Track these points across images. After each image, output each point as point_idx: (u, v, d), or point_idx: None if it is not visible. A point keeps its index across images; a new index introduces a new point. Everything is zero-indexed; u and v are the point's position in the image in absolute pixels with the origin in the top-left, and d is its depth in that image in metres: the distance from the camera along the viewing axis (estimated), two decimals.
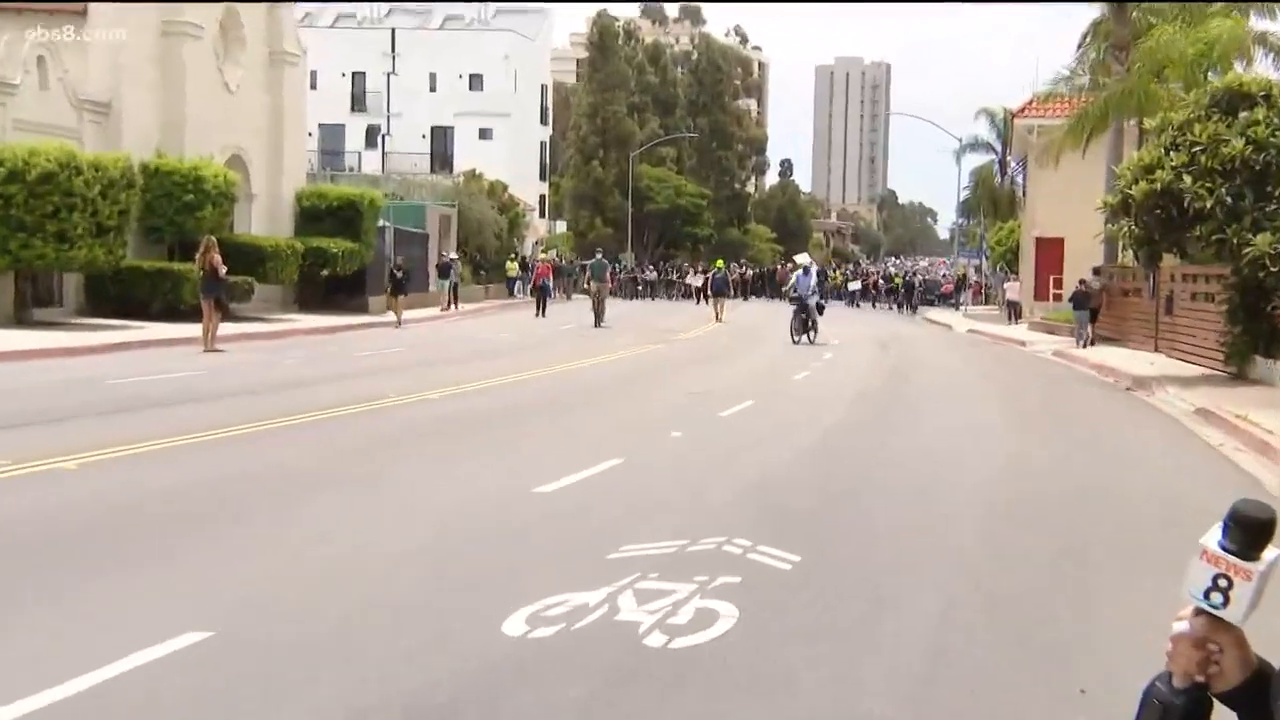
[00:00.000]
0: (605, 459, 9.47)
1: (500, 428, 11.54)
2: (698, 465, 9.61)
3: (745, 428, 12.16)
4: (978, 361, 23.92)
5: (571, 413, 13.05)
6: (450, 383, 15.03)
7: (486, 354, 20.73)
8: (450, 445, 10.30)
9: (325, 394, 13.59)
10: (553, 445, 10.48)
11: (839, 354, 24.31)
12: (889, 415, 13.75)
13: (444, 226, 41.77)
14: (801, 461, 10.03)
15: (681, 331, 29.40)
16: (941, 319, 42.17)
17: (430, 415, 12.24)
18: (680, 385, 16.40)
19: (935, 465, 9.96)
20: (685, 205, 75.15)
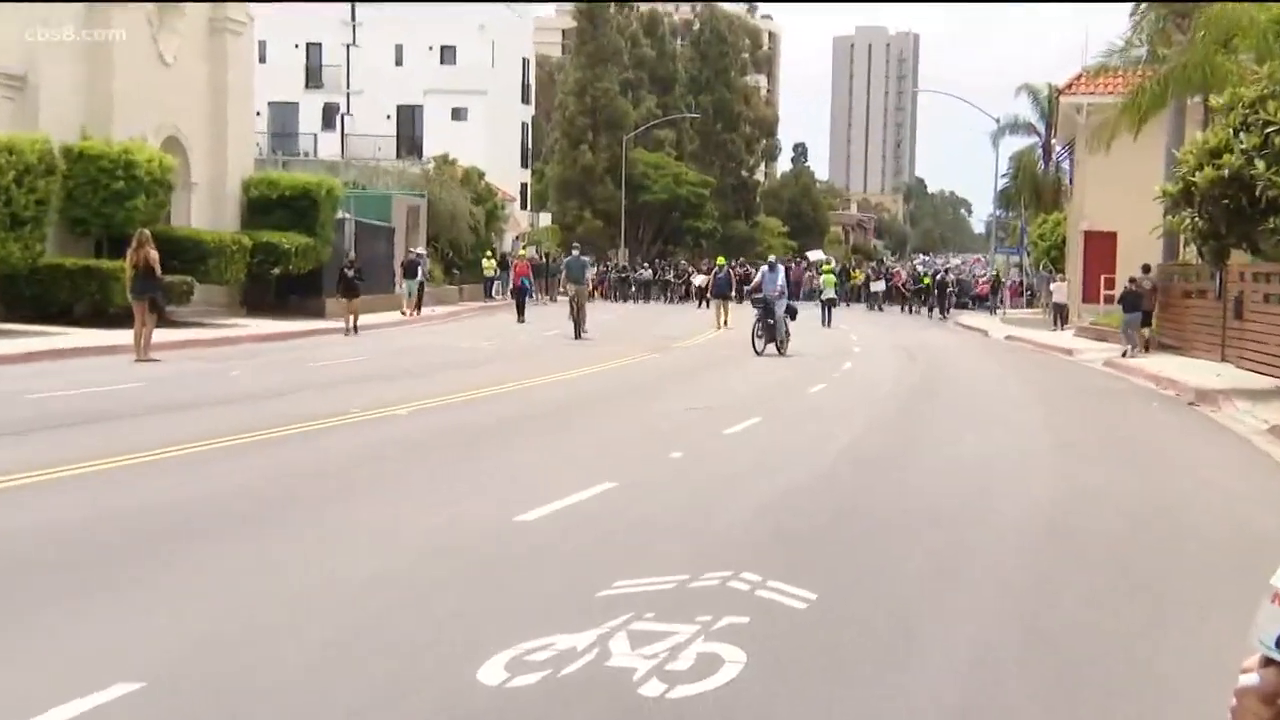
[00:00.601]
0: (596, 483, 9.49)
1: (477, 447, 11.55)
2: (700, 489, 9.63)
3: (753, 447, 12.18)
4: (1017, 372, 23.97)
5: (557, 431, 13.06)
6: (420, 397, 15.03)
7: (460, 364, 20.75)
8: (420, 467, 10.31)
9: (278, 409, 13.60)
10: (536, 467, 10.49)
11: (860, 363, 24.34)
12: (917, 433, 13.78)
13: (412, 219, 41.85)
14: (817, 485, 10.05)
15: (681, 339, 29.45)
16: (976, 324, 42.28)
17: (398, 433, 12.24)
18: (680, 399, 16.45)
19: (970, 491, 9.98)
20: (685, 195, 75.37)
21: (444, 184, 46.20)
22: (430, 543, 7.45)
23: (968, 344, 33.56)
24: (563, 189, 74.49)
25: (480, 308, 42.48)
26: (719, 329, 32.83)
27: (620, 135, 71.02)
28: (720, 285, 34.78)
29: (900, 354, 27.59)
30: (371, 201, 39.00)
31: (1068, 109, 39.46)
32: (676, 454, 11.37)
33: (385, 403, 14.23)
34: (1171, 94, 26.92)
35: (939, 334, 37.91)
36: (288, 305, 31.51)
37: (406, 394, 15.34)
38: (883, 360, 25.63)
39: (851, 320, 42.62)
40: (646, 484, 9.82)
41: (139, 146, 26.55)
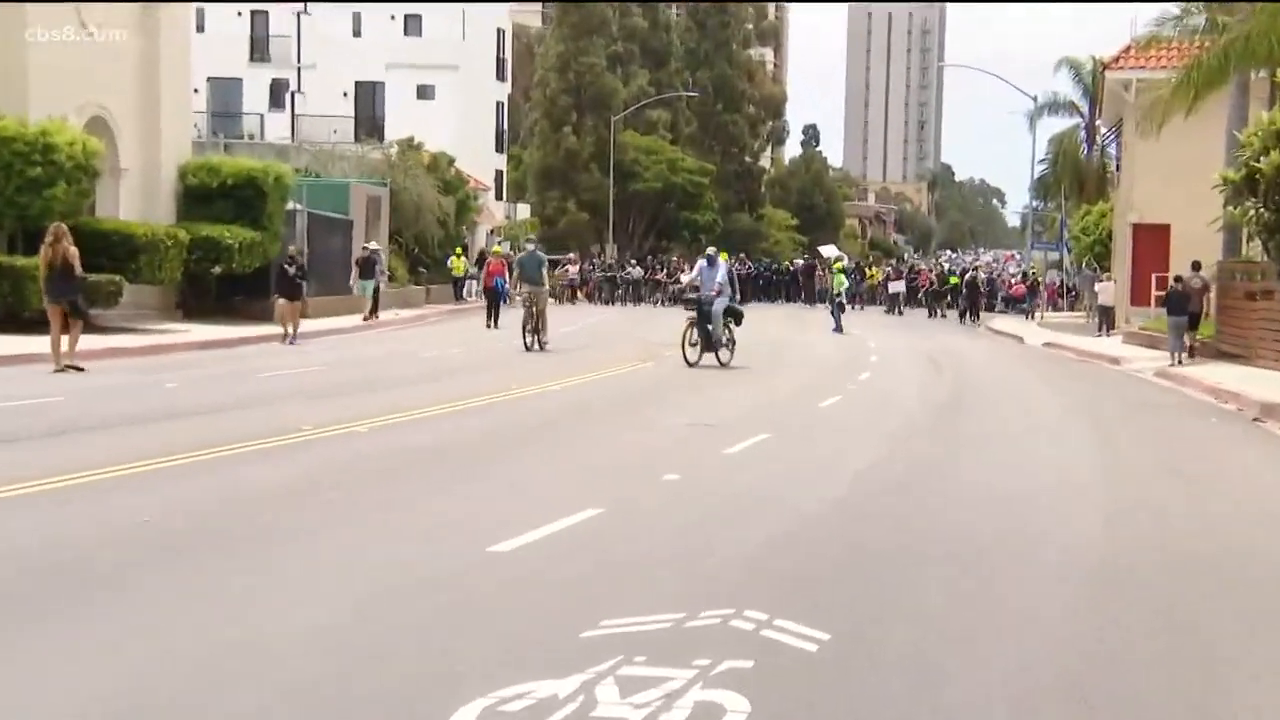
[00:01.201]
0: (581, 508, 9.48)
1: (445, 469, 11.54)
2: (698, 516, 9.63)
3: (758, 468, 12.18)
4: (1057, 384, 24.01)
5: (536, 450, 13.05)
6: (380, 412, 15.02)
7: (426, 375, 20.74)
8: (380, 492, 10.30)
9: (219, 427, 13.58)
10: (512, 491, 10.48)
11: (878, 374, 24.37)
12: (942, 455, 13.79)
13: (373, 211, 41.88)
14: (831, 513, 10.06)
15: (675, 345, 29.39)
16: (1010, 329, 42.42)
17: (357, 453, 12.23)
18: (675, 413, 16.45)
19: (1002, 522, 9.99)
20: (681, 184, 75.50)
21: (408, 171, 46.21)
22: (392, 578, 7.43)
23: (1000, 352, 33.64)
24: (543, 177, 74.59)
25: (449, 311, 42.49)
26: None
27: (608, 116, 71.14)
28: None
29: (924, 363, 27.63)
30: (326, 191, 39.01)
31: (1114, 86, 39.57)
32: (671, 476, 11.37)
33: (341, 419, 14.20)
34: (1233, 68, 26.97)
35: (967, 341, 38.00)
36: (230, 308, 31.47)
37: (365, 409, 15.31)
38: (904, 370, 25.65)
39: (868, 325, 42.71)
40: (637, 510, 9.81)
41: (59, 127, 26.48)
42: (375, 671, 5.69)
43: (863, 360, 27.71)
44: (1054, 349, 34.04)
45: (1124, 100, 38.69)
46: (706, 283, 23.88)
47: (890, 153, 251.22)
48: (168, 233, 29.41)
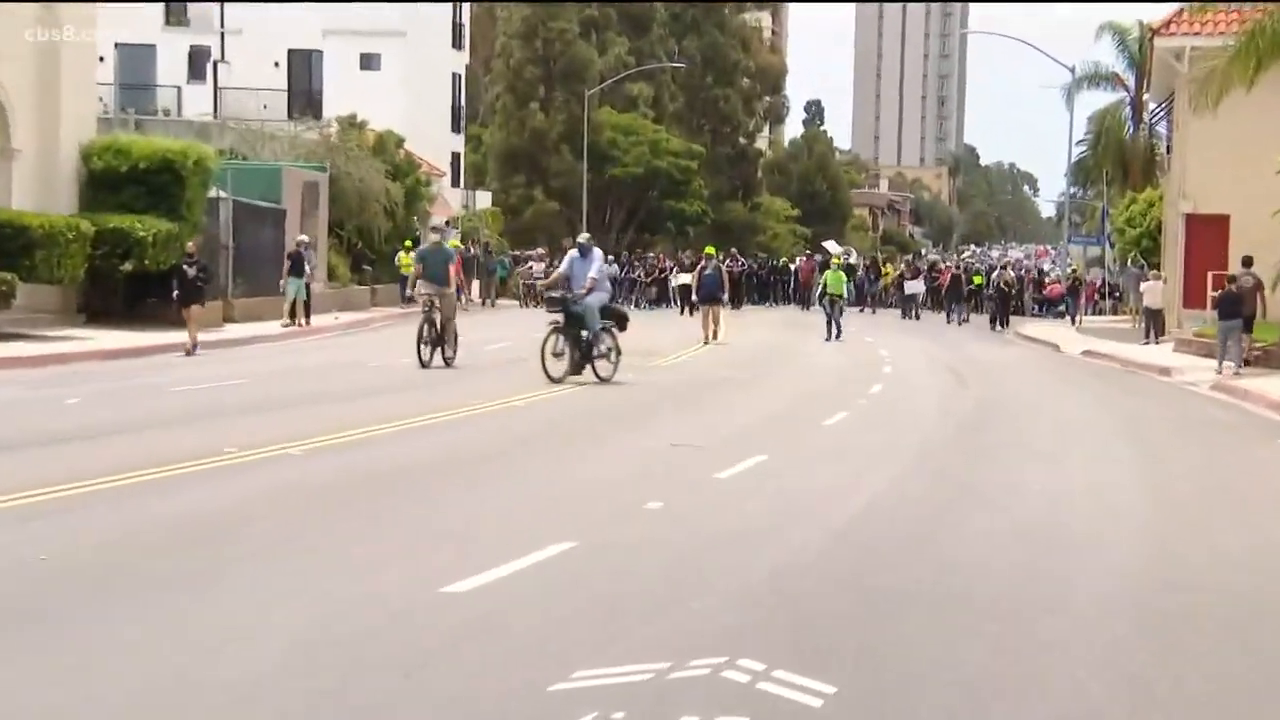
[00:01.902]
0: (550, 542, 9.48)
1: (393, 497, 11.53)
2: (685, 551, 9.63)
3: (754, 495, 12.19)
4: (1098, 399, 24.07)
5: (500, 475, 13.04)
6: (319, 431, 15.00)
7: (371, 388, 20.70)
8: (319, 522, 10.28)
9: (128, 449, 13.53)
10: (471, 522, 10.47)
11: (892, 387, 24.41)
12: (966, 481, 13.82)
13: (309, 199, 41.79)
14: (837, 548, 10.06)
15: (660, 354, 29.47)
16: (1043, 335, 42.54)
17: (291, 479, 12.21)
18: (660, 432, 16.46)
19: (1035, 560, 10.00)
20: (666, 169, 75.63)
21: (350, 154, 46.11)
22: (329, 623, 7.41)
23: (1032, 362, 33.72)
24: (507, 161, 74.62)
25: (399, 314, 42.37)
26: (707, 342, 32.89)
27: (581, 91, 71.22)
28: (709, 285, 34.73)
29: (944, 375, 27.68)
30: (255, 176, 38.90)
31: (1164, 54, 39.65)
32: (655, 504, 11.36)
33: (272, 440, 14.17)
34: None
35: (995, 349, 38.09)
36: (142, 311, 31.31)
37: (300, 428, 15.27)
38: (921, 383, 25.68)
39: (881, 330, 42.80)
40: (616, 544, 9.80)
41: None
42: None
43: (874, 371, 27.74)
44: (1094, 358, 34.14)
45: (1175, 71, 38.78)
46: (576, 277, 22.42)
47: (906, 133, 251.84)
48: (68, 224, 29.29)
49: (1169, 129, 48.17)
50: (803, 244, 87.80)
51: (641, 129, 76.35)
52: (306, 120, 51.54)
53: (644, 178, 75.26)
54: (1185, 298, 38.72)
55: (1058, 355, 36.24)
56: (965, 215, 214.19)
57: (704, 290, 34.67)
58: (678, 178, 76.38)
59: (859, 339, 38.02)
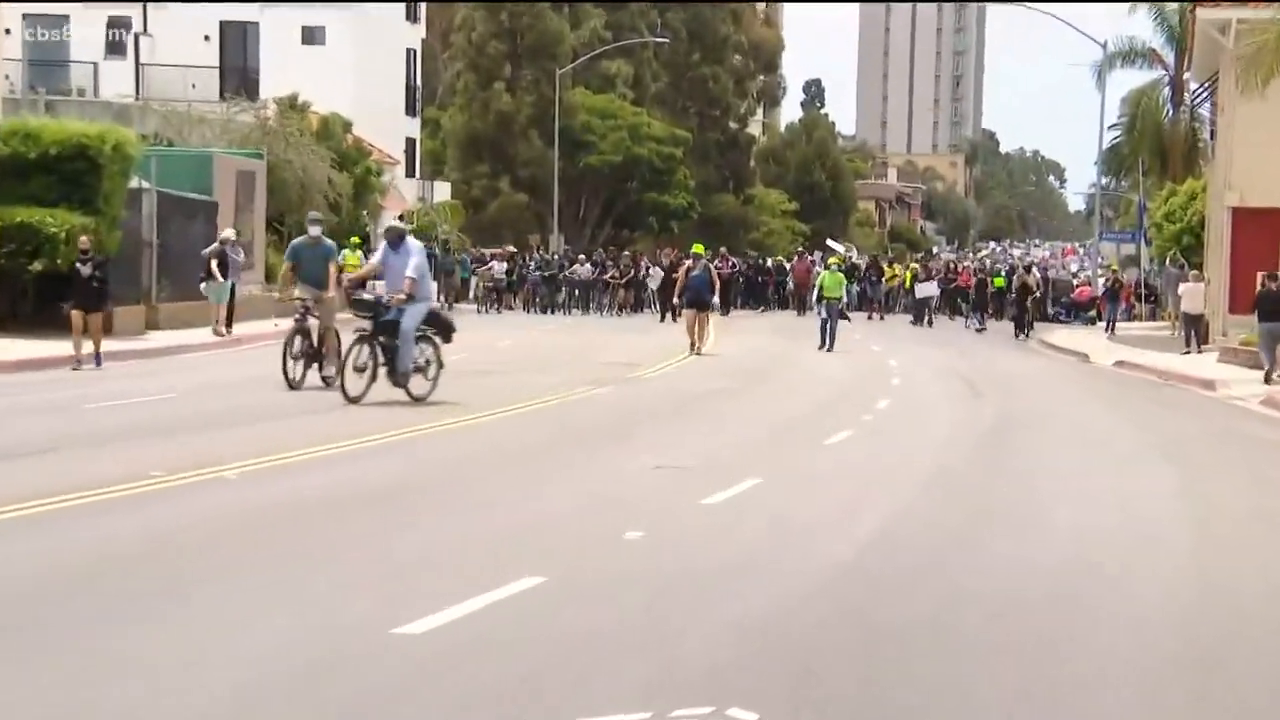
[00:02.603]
0: (516, 577, 9.47)
1: (341, 526, 11.51)
2: (669, 586, 9.63)
3: (746, 524, 12.20)
4: (1132, 416, 24.13)
5: (458, 502, 13.03)
6: (257, 453, 14.96)
7: (314, 405, 20.62)
8: (257, 557, 10.26)
9: (40, 473, 13.48)
10: (428, 555, 10.47)
11: (901, 401, 24.47)
12: (983, 505, 13.85)
13: (244, 190, 41.71)
14: (838, 584, 10.07)
15: (640, 365, 29.47)
16: (1071, 344, 42.60)
17: (225, 505, 12.19)
18: (641, 452, 16.45)
19: (1060, 593, 10.03)
20: (648, 156, 75.63)
21: (291, 139, 46.09)
22: (267, 666, 7.39)
23: (1059, 374, 33.78)
24: (468, 147, 74.50)
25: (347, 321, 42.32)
26: (694, 352, 32.82)
27: (552, 69, 71.16)
28: (696, 288, 34.43)
29: (959, 388, 27.72)
30: (183, 164, 38.84)
31: (1208, 28, 39.66)
32: (634, 534, 11.36)
33: (203, 462, 14.13)
34: None
35: (1016, 359, 38.15)
36: (54, 317, 31.14)
37: (234, 449, 15.23)
38: (934, 398, 25.72)
39: (889, 338, 42.83)
40: (590, 578, 9.80)
41: None
42: None
43: (881, 384, 27.78)
44: (1128, 369, 34.19)
45: (1220, 47, 38.86)
46: (391, 276, 20.73)
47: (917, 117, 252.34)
48: None
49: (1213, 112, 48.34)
50: (801, 241, 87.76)
51: (620, 112, 76.33)
52: (241, 101, 51.45)
53: (622, 167, 75.21)
54: (1231, 301, 38.70)
55: (1087, 366, 36.31)
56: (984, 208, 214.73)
57: (690, 294, 34.40)
58: (660, 167, 76.36)
59: (864, 348, 38.06)
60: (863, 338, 41.46)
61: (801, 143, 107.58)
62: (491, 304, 53.87)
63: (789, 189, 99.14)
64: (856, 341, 38.99)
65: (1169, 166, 59.03)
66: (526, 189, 73.18)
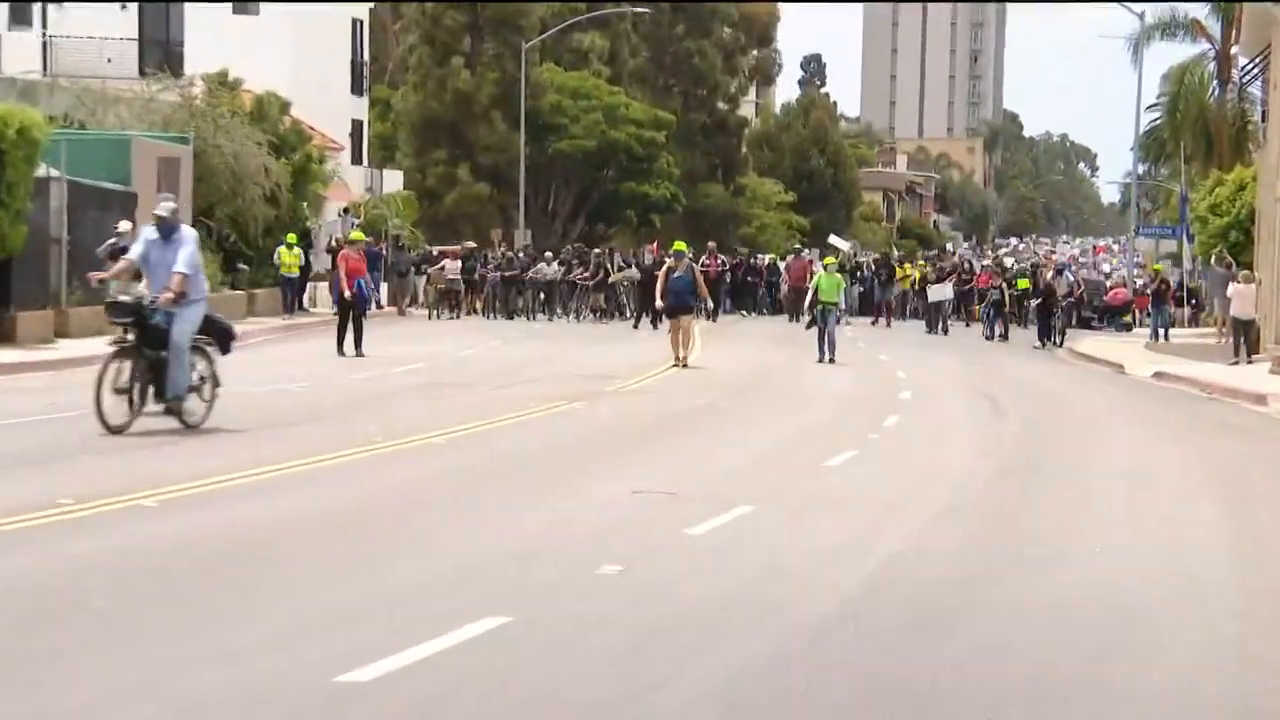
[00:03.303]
0: (477, 616, 9.47)
1: (279, 560, 11.50)
2: (648, 628, 9.63)
3: (735, 559, 12.20)
4: (1172, 435, 24.19)
5: (416, 531, 13.02)
6: (184, 478, 14.93)
7: (249, 422, 20.56)
8: (183, 593, 10.23)
9: None
10: (379, 593, 10.46)
11: (911, 418, 24.50)
12: (1005, 543, 13.84)
13: (168, 179, 41.55)
14: (841, 625, 10.08)
15: (619, 378, 29.46)
16: (1104, 353, 42.62)
17: (147, 538, 12.16)
18: (619, 477, 16.45)
19: (1094, 641, 10.03)
20: (626, 141, 75.68)
21: (221, 122, 45.95)
22: None
23: (1091, 387, 33.81)
24: (423, 131, 74.46)
25: (282, 327, 42.28)
26: (678, 364, 32.59)
27: (518, 43, 71.21)
28: (679, 291, 34.09)
29: (978, 403, 27.76)
30: (97, 149, 38.72)
31: None
32: (610, 568, 11.36)
33: (121, 489, 14.06)
34: None
35: (1041, 370, 38.15)
36: None
37: (155, 473, 15.19)
38: (949, 413, 25.75)
39: (898, 346, 42.81)
40: (559, 618, 9.80)
41: None
42: None
43: (890, 398, 27.79)
44: (1169, 382, 34.21)
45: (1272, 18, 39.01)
46: (155, 271, 18.98)
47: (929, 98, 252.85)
48: None
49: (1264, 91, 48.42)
50: (798, 237, 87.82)
51: (594, 91, 76.39)
52: (163, 78, 51.21)
53: (597, 153, 75.26)
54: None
55: (1122, 378, 36.33)
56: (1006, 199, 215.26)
57: (672, 298, 34.02)
58: (640, 153, 76.41)
59: (870, 357, 38.07)
60: (868, 346, 41.49)
61: (799, 126, 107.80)
62: (444, 309, 53.41)
63: (785, 178, 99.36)
64: (861, 350, 39.01)
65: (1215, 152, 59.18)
66: (489, 178, 73.14)
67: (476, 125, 73.26)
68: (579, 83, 76.20)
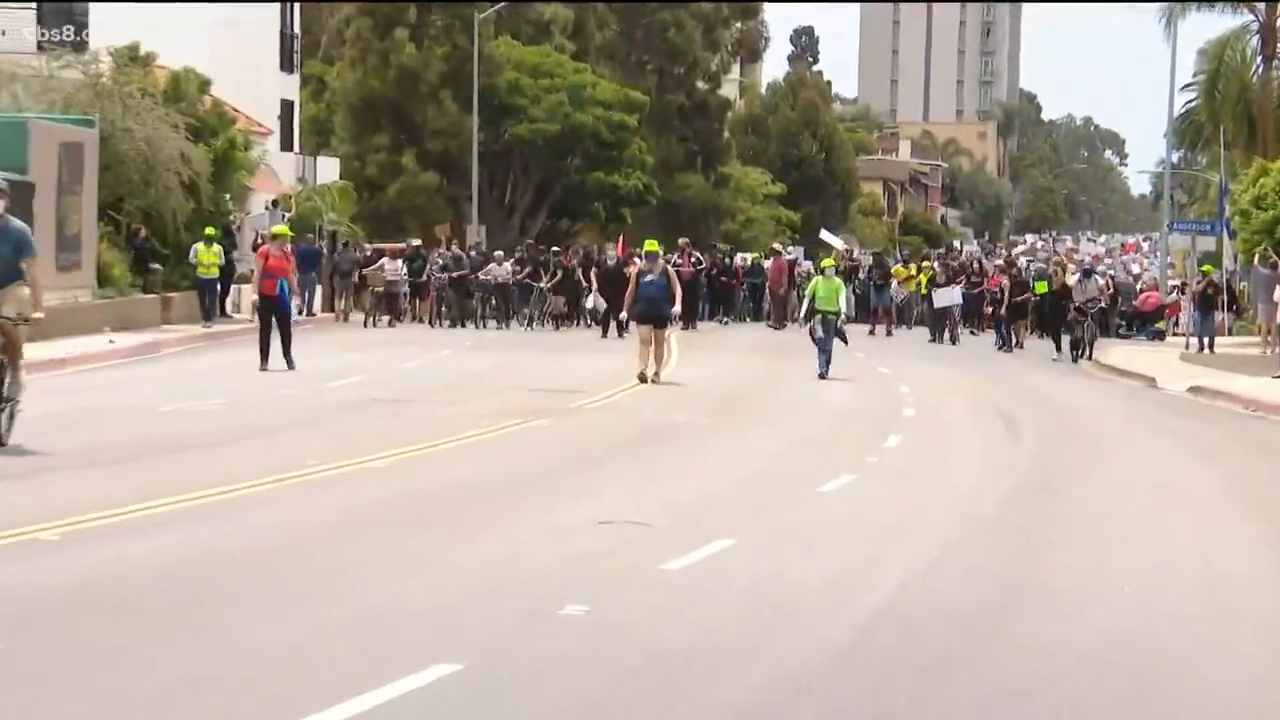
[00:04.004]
0: (423, 664, 9.48)
1: (200, 603, 11.46)
2: (616, 676, 9.63)
3: (717, 596, 12.22)
4: (1210, 457, 24.22)
5: (355, 565, 13.02)
6: (86, 508, 14.91)
7: (169, 444, 20.54)
8: (98, 637, 10.20)
9: None
10: (314, 637, 10.46)
11: (916, 437, 24.61)
12: (1021, 574, 13.89)
13: (70, 167, 41.51)
14: (834, 671, 10.09)
15: (583, 393, 29.44)
16: (1132, 364, 42.59)
17: (42, 576, 12.14)
18: (588, 504, 16.48)
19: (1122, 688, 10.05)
20: (593, 125, 75.52)
21: (131, 102, 45.86)
22: None
23: (1117, 403, 33.87)
24: (363, 113, 74.26)
25: (201, 335, 42.16)
26: (648, 379, 32.06)
27: (469, 13, 71.07)
28: (650, 298, 33.53)
29: (991, 421, 27.82)
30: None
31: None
32: (575, 609, 11.37)
33: (12, 523, 14.01)
34: None
35: (1062, 384, 38.11)
36: None
37: (53, 503, 15.17)
38: (958, 433, 25.83)
39: (900, 357, 42.79)
40: (518, 664, 9.80)
41: None
42: None
43: (891, 414, 27.83)
44: (1206, 397, 34.24)
45: None
46: None
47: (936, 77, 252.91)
48: None
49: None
50: (787, 233, 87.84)
51: (557, 69, 76.29)
52: (65, 53, 51.13)
53: (561, 139, 75.12)
54: None
55: (1153, 393, 36.34)
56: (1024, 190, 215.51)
57: (644, 304, 33.37)
58: (609, 139, 76.27)
59: (869, 369, 38.04)
60: (866, 357, 41.44)
61: (788, 108, 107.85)
62: (381, 314, 52.57)
63: (773, 167, 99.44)
64: (859, 361, 38.95)
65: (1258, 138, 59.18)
66: (437, 167, 72.91)
67: (423, 107, 73.09)
68: (540, 59, 76.11)
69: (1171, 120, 66.03)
